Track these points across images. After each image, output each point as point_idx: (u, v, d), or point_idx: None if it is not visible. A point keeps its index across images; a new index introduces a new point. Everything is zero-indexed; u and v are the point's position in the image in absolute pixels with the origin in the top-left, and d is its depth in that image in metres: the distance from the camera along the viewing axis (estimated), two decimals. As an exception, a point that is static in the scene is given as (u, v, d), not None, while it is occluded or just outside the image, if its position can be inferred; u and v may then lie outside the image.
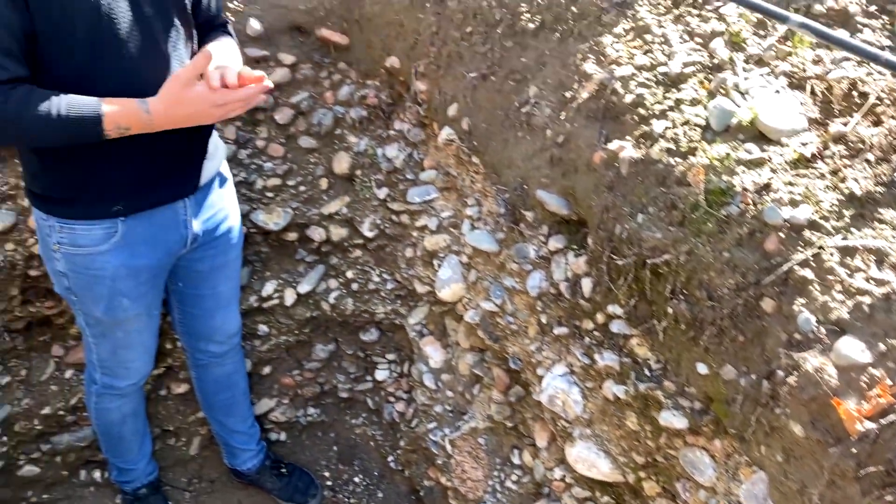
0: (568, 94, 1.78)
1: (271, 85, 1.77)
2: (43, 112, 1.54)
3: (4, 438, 2.48)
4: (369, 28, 2.38)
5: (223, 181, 2.11)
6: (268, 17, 2.39)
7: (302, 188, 2.54)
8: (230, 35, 2.01)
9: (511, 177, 1.91)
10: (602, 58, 1.74)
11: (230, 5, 2.36)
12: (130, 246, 1.88)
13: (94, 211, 1.82)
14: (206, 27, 1.95)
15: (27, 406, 2.50)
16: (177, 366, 2.62)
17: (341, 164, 2.49)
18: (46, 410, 2.52)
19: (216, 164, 2.04)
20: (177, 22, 1.78)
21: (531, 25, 1.93)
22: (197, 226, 1.99)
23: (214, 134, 2.04)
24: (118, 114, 1.58)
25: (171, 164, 1.87)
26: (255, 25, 2.36)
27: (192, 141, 1.89)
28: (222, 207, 2.09)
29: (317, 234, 2.56)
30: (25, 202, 2.30)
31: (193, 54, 1.88)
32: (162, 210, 1.90)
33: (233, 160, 2.48)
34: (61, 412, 2.55)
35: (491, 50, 2.01)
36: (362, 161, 2.49)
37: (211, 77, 1.64)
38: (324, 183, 2.54)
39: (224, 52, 1.85)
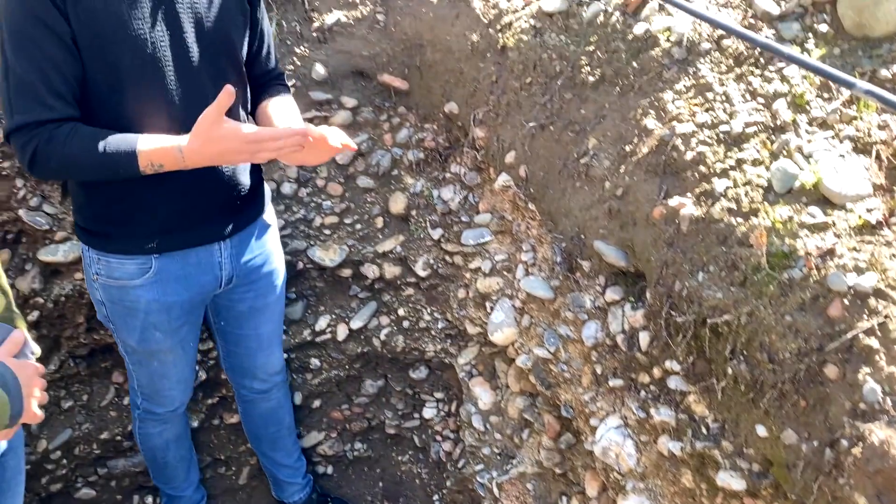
0: (627, 148, 1.81)
1: (353, 146, 1.81)
2: (85, 149, 1.60)
3: (64, 461, 2.57)
4: (429, 74, 2.45)
5: (265, 228, 2.12)
6: (332, 63, 2.47)
7: (358, 226, 2.60)
8: (286, 89, 2.04)
9: (568, 226, 1.93)
10: (663, 113, 1.77)
11: (297, 51, 2.46)
12: (163, 283, 1.92)
13: (129, 246, 1.87)
14: (263, 79, 2.00)
15: (87, 430, 2.58)
16: (230, 396, 2.68)
17: (397, 204, 2.55)
18: (105, 435, 2.60)
19: (257, 211, 2.06)
20: (227, 71, 1.82)
21: (591, 78, 1.97)
22: (233, 269, 2.02)
23: (261, 182, 2.08)
24: (153, 151, 1.63)
25: (207, 207, 1.89)
26: (319, 70, 2.44)
27: (230, 186, 1.91)
28: (262, 252, 2.10)
29: (371, 271, 2.61)
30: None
31: (246, 103, 1.94)
32: (196, 250, 1.93)
33: (293, 198, 2.55)
34: (118, 437, 2.63)
35: (550, 100, 2.05)
36: (418, 202, 2.55)
37: (311, 130, 1.70)
38: (379, 222, 2.59)
39: (285, 114, 1.89)
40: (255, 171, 2.01)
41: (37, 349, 1.57)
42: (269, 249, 2.13)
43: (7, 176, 2.44)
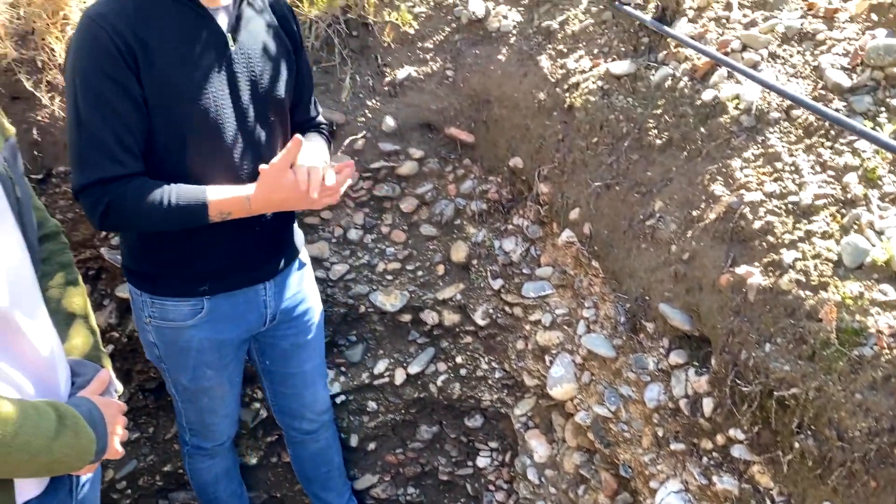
0: (694, 213, 1.83)
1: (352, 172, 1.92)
2: (156, 202, 1.70)
3: (129, 491, 2.66)
4: (496, 129, 2.51)
5: (301, 266, 2.24)
6: (401, 115, 2.56)
7: (420, 273, 2.66)
8: (324, 135, 2.16)
9: (632, 286, 1.96)
10: (731, 181, 1.79)
11: (368, 104, 2.55)
12: (214, 322, 2.02)
13: (183, 290, 1.98)
14: (305, 126, 2.12)
15: (151, 462, 2.67)
16: (289, 434, 2.75)
17: (459, 252, 2.60)
18: (167, 468, 2.69)
19: (295, 251, 2.18)
20: (276, 122, 1.95)
21: (658, 141, 2.01)
22: (276, 306, 2.13)
23: (294, 225, 2.19)
24: (222, 202, 1.74)
25: (253, 251, 2.01)
26: (389, 122, 2.53)
27: (273, 231, 2.04)
28: (300, 290, 2.22)
29: (430, 317, 2.66)
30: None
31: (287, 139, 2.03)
32: (244, 291, 2.04)
33: (359, 243, 2.63)
34: (180, 470, 2.71)
35: (616, 161, 2.09)
36: (479, 251, 2.60)
37: (298, 174, 1.75)
38: (441, 269, 2.65)
39: (310, 151, 1.98)
40: (290, 214, 2.12)
41: (120, 387, 1.65)
42: (306, 287, 2.25)
43: (92, 215, 2.58)
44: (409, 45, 2.60)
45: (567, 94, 2.27)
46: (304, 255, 2.26)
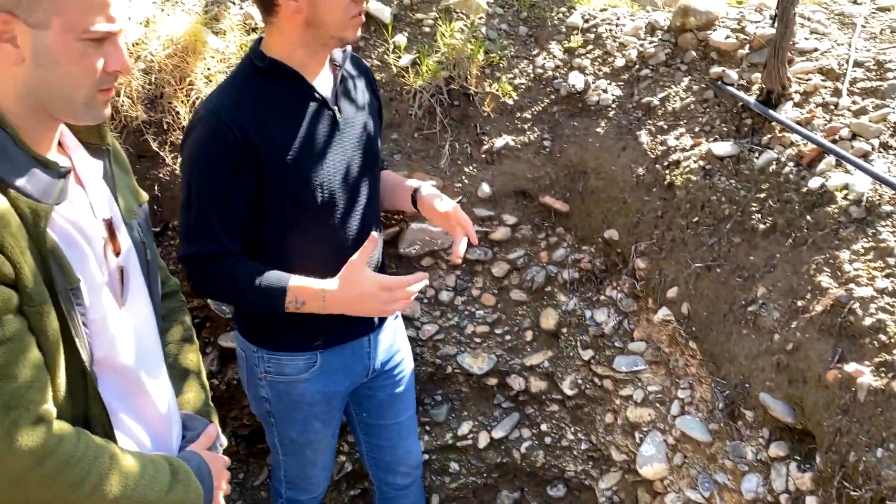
0: (799, 303, 1.81)
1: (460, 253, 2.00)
2: (243, 281, 1.82)
3: (215, 535, 2.73)
4: (591, 200, 2.54)
5: (395, 319, 2.31)
6: (497, 182, 2.62)
7: (508, 337, 2.69)
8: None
9: (732, 371, 1.94)
10: (838, 273, 1.77)
11: (465, 170, 2.62)
12: (326, 375, 2.11)
13: (299, 345, 2.07)
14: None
15: (239, 508, 2.75)
16: (372, 488, 2.78)
17: (549, 320, 2.62)
18: (254, 513, 2.76)
19: None
20: (375, 179, 2.05)
21: (762, 226, 2.00)
22: (377, 357, 2.21)
23: None
24: (300, 289, 1.82)
25: None
26: (485, 188, 2.59)
27: None
28: (395, 342, 2.29)
29: (517, 383, 2.68)
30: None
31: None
32: (352, 344, 2.13)
33: (449, 305, 2.69)
34: (265, 518, 2.78)
35: (718, 242, 2.09)
36: (569, 320, 2.61)
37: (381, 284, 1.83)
38: (529, 335, 2.67)
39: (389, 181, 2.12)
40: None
41: (224, 441, 1.73)
42: (400, 340, 2.33)
43: (201, 267, 2.72)
44: (508, 115, 2.67)
45: (667, 172, 2.29)
46: None
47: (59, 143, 1.30)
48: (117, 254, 1.37)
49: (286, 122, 1.84)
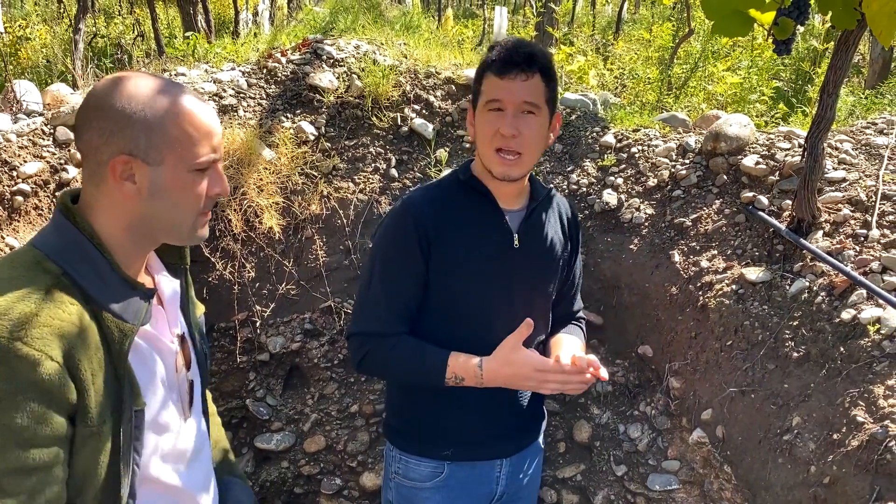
0: (835, 436, 1.83)
1: (605, 376, 1.84)
2: (405, 358, 1.88)
3: None
4: (625, 315, 2.60)
5: (537, 452, 2.22)
6: (534, 294, 2.69)
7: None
8: (580, 328, 2.18)
9: (768, 500, 1.94)
10: (874, 408, 1.79)
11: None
12: (450, 489, 2.06)
13: (429, 449, 2.05)
14: (564, 319, 2.15)
15: None
16: None
17: (582, 432, 2.64)
18: None
19: (536, 435, 2.19)
20: (537, 311, 2.02)
21: (795, 354, 2.04)
22: (506, 485, 2.13)
23: (542, 408, 2.21)
24: (458, 366, 1.86)
25: (499, 425, 2.06)
26: (522, 300, 2.66)
27: (521, 409, 2.09)
28: (528, 474, 2.20)
29: (549, 495, 2.68)
30: (305, 426, 2.67)
31: (545, 337, 2.12)
32: (482, 463, 2.08)
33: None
34: None
35: (752, 368, 2.12)
36: (603, 434, 2.63)
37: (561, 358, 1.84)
38: (562, 447, 2.69)
39: (565, 346, 2.04)
40: (539, 397, 2.18)
41: None
42: (535, 471, 2.24)
43: (243, 369, 2.80)
44: (545, 228, 2.76)
45: (700, 293, 2.35)
46: (541, 439, 2.26)
47: (145, 265, 1.40)
48: (188, 366, 1.44)
49: (465, 228, 1.91)
